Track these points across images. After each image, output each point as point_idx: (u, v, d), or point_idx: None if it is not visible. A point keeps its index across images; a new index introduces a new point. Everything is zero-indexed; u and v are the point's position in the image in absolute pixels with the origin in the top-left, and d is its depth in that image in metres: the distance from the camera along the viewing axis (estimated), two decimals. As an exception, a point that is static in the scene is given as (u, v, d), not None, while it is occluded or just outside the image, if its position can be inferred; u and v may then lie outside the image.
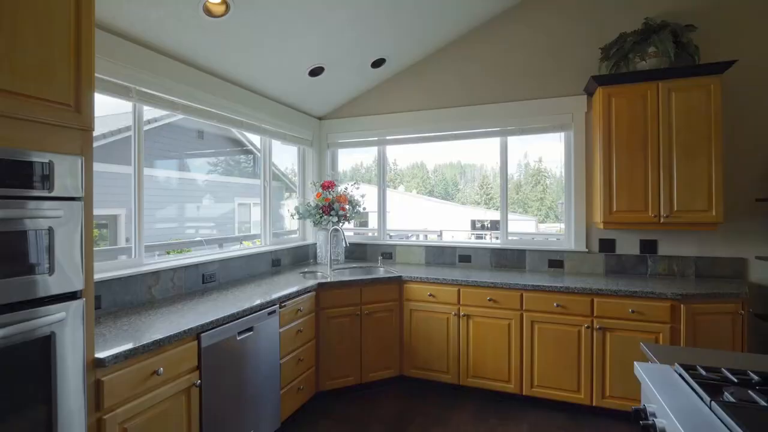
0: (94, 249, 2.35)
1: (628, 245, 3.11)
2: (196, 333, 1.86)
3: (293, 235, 4.02)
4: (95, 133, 2.34)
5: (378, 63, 3.45)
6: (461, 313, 2.95)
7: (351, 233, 4.21)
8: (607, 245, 3.16)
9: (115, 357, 1.50)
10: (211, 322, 1.94)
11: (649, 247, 3.05)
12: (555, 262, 3.29)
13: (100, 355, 1.48)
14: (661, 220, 2.72)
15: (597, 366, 2.60)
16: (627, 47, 2.84)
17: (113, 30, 2.12)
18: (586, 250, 3.20)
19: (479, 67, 3.52)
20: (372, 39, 3.05)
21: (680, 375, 1.26)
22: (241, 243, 3.68)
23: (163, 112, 3.17)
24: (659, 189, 2.73)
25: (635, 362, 1.37)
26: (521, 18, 3.36)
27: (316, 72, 3.22)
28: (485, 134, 3.52)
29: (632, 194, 2.79)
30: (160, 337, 1.68)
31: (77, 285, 1.41)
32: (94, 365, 1.46)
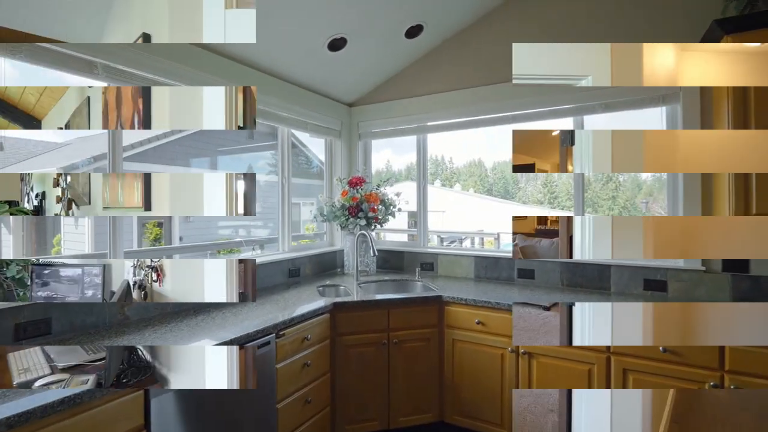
0: (152, 247, 2.03)
1: (771, 263, 2.16)
2: (141, 380, 1.37)
3: (321, 241, 3.51)
4: (148, 135, 2.07)
5: (414, 32, 2.81)
6: (521, 350, 2.21)
7: (404, 236, 3.62)
8: (735, 262, 2.23)
9: (-9, 427, 1.03)
10: (165, 365, 1.44)
11: (808, 266, 2.08)
12: (653, 282, 2.42)
13: (-31, 424, 1.02)
14: (840, 227, 1.78)
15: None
16: (776, -28, 1.93)
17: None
18: (703, 268, 2.30)
19: (543, 28, 2.73)
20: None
21: None
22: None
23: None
24: (836, 180, 1.78)
25: None
26: (604, -43, 2.53)
27: (336, 45, 2.65)
28: (555, 113, 2.72)
29: (787, 188, 1.87)
30: (78, 390, 1.20)
31: None
32: (-43, 440, 1.00)
